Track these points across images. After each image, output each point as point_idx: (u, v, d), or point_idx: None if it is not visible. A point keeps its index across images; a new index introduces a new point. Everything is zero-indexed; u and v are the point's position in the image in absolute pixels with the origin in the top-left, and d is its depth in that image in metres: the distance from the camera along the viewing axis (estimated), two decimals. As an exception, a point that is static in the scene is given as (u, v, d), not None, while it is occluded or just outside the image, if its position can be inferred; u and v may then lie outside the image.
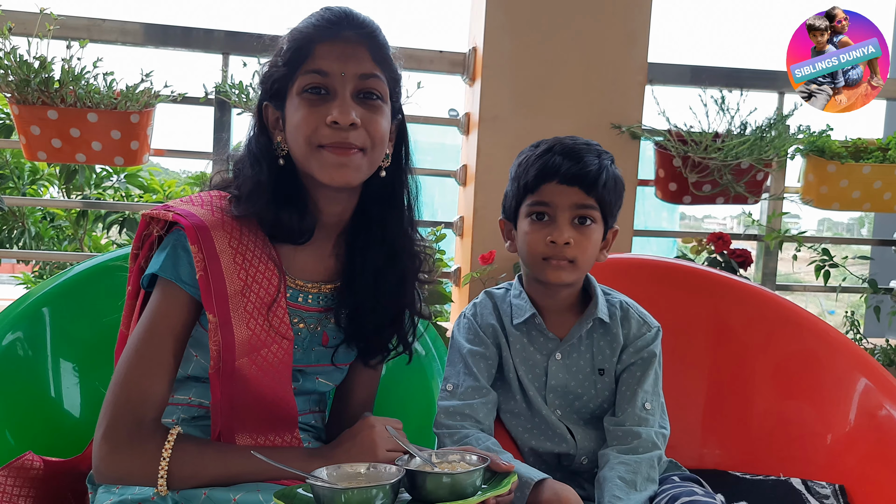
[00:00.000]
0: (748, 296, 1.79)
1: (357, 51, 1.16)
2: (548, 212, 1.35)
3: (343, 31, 1.16)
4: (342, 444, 1.19)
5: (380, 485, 0.96)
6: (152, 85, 2.25)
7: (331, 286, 1.28)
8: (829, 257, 2.51)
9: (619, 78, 2.48)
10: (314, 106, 1.14)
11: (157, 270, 1.14)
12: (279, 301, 1.19)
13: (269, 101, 1.21)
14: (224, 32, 2.42)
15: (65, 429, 1.47)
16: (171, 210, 1.16)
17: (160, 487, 1.07)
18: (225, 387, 1.14)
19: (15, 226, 3.46)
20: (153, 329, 1.13)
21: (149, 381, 1.11)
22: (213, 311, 1.12)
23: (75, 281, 1.53)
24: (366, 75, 1.16)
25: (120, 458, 1.08)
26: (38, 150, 2.24)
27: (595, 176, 1.33)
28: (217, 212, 1.18)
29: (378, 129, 1.17)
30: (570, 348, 1.41)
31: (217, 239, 1.14)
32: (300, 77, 1.15)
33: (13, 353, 1.45)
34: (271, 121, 1.22)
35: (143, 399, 1.10)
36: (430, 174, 2.74)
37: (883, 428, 1.58)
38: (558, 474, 1.41)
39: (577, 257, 1.34)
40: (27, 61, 2.14)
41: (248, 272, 1.16)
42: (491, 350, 1.41)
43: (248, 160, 1.21)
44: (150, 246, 1.21)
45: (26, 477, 1.25)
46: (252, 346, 1.15)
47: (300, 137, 1.15)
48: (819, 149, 2.49)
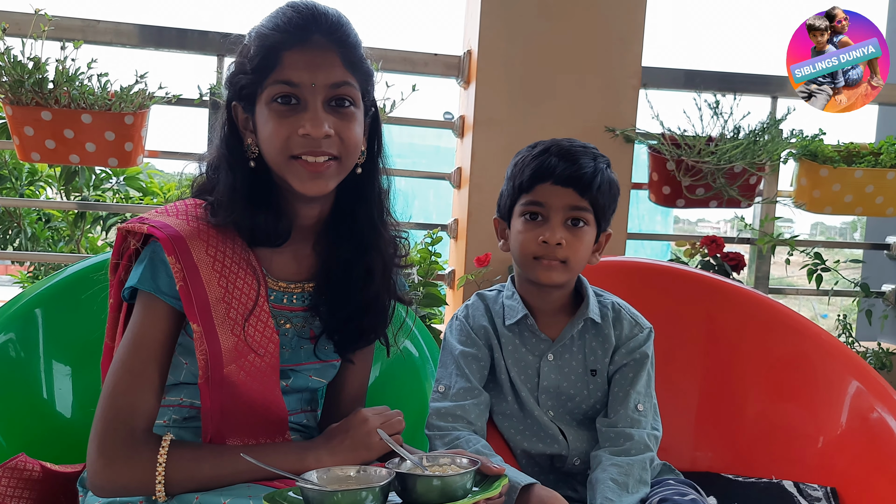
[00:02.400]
0: (740, 299, 1.80)
1: (327, 58, 1.14)
2: (541, 212, 1.36)
3: (311, 36, 1.13)
4: (336, 436, 1.19)
5: (369, 487, 0.96)
6: (146, 86, 2.24)
7: (313, 284, 1.28)
8: (822, 261, 2.52)
9: (613, 81, 2.49)
10: (285, 117, 1.13)
11: (137, 284, 1.14)
12: (261, 305, 1.19)
13: (238, 102, 1.19)
14: (218, 34, 2.42)
15: (57, 430, 1.47)
16: (146, 223, 1.15)
17: (159, 494, 1.07)
18: (215, 394, 1.14)
19: (10, 226, 3.46)
20: (138, 342, 1.13)
21: (137, 394, 1.11)
22: (197, 320, 1.12)
23: (68, 282, 1.53)
24: (337, 84, 1.14)
25: (116, 470, 1.08)
26: (32, 150, 2.23)
27: (590, 178, 1.34)
28: (193, 221, 1.17)
29: (351, 137, 1.17)
30: (562, 349, 1.42)
31: (194, 249, 1.14)
32: (269, 87, 1.13)
33: (6, 354, 1.45)
34: (241, 120, 1.20)
35: (133, 412, 1.11)
36: (425, 177, 2.75)
37: (874, 430, 1.59)
38: (551, 476, 1.42)
39: (568, 258, 1.35)
40: (21, 62, 2.13)
41: (227, 279, 1.16)
42: (483, 351, 1.42)
43: (222, 164, 1.20)
44: (128, 259, 1.21)
45: (20, 478, 1.25)
46: (239, 352, 1.15)
47: (272, 148, 1.14)
48: (812, 153, 2.49)
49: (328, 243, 1.28)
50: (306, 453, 1.16)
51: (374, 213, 1.28)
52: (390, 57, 2.47)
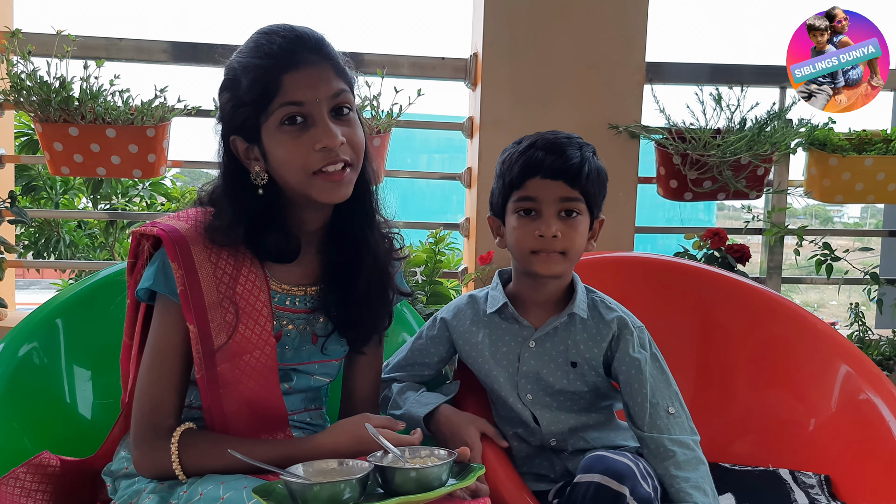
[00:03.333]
0: (733, 289, 1.83)
1: (322, 72, 1.20)
2: (534, 206, 1.38)
3: (302, 55, 1.19)
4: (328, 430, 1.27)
5: (347, 479, 1.03)
6: (166, 100, 2.34)
7: (315, 288, 1.35)
8: (831, 251, 2.52)
9: (618, 78, 2.51)
10: (297, 137, 1.19)
11: (152, 285, 1.24)
12: (259, 310, 1.27)
13: (237, 136, 1.23)
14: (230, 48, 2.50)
15: (79, 431, 1.56)
16: (156, 226, 1.25)
17: (181, 476, 1.19)
18: (212, 391, 1.23)
19: (51, 235, 3.62)
20: (158, 346, 1.24)
21: (159, 392, 1.23)
22: (192, 321, 1.21)
23: (87, 292, 1.62)
24: (336, 93, 1.21)
25: (146, 459, 1.22)
26: (62, 165, 2.35)
27: (578, 168, 1.36)
28: (200, 227, 1.25)
29: (359, 141, 1.25)
30: (544, 337, 1.44)
31: (196, 253, 1.22)
32: (275, 112, 1.18)
33: (30, 361, 1.54)
34: (242, 151, 1.24)
35: (156, 408, 1.23)
36: (438, 178, 2.81)
37: (865, 414, 1.61)
38: (524, 446, 1.48)
39: (566, 249, 1.37)
40: (47, 82, 2.25)
41: (227, 284, 1.24)
42: (443, 345, 1.53)
43: (227, 196, 1.26)
44: (144, 260, 1.30)
45: (44, 474, 1.34)
46: (233, 352, 1.23)
47: (293, 168, 1.20)
48: (820, 142, 2.49)
49: (329, 246, 1.35)
50: (303, 443, 1.24)
51: (368, 212, 1.35)
52: (399, 62, 2.54)
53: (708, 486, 1.33)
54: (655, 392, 1.39)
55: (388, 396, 1.50)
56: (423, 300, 2.16)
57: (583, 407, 1.47)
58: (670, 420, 1.37)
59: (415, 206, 7.63)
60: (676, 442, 1.35)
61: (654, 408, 1.38)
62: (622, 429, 1.51)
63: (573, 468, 1.42)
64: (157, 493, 1.19)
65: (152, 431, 1.21)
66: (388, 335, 1.46)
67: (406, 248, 1.49)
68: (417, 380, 1.56)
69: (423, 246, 2.44)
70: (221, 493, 1.11)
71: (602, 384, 1.46)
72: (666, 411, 1.38)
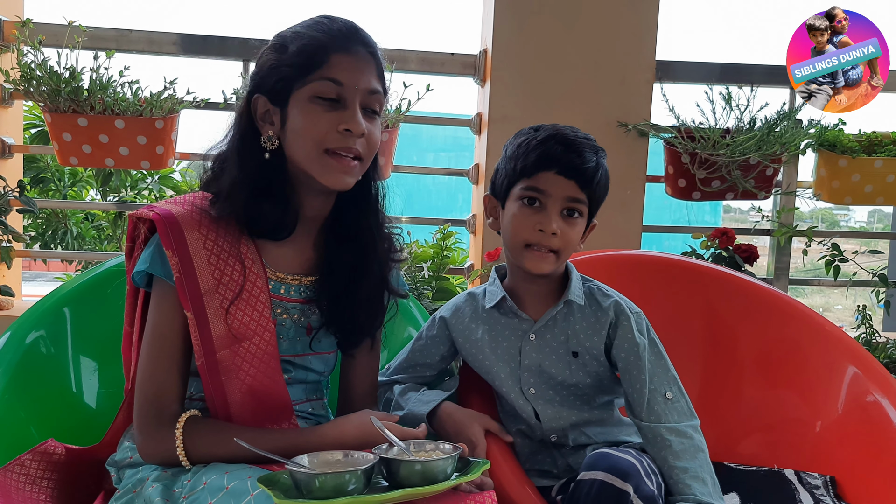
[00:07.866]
0: (741, 288, 1.82)
1: (367, 66, 1.24)
2: (540, 198, 1.36)
3: (355, 45, 1.23)
4: (333, 421, 1.27)
5: (351, 470, 1.03)
6: (175, 92, 2.35)
7: (311, 279, 1.35)
8: (839, 252, 2.51)
9: (627, 76, 2.51)
10: (325, 112, 1.21)
11: (148, 268, 1.24)
12: (257, 295, 1.26)
13: (263, 95, 1.25)
14: (240, 40, 2.52)
15: (85, 421, 1.56)
16: (153, 210, 1.25)
17: (185, 463, 1.19)
18: (214, 379, 1.23)
19: (58, 226, 3.63)
20: (156, 331, 1.24)
21: (162, 378, 1.23)
22: (189, 307, 1.21)
23: (94, 281, 1.63)
24: (373, 91, 1.24)
25: (150, 445, 1.22)
26: (70, 155, 2.36)
27: (592, 172, 1.36)
28: (196, 211, 1.25)
29: (376, 142, 1.27)
30: (544, 329, 1.43)
31: (190, 238, 1.23)
32: (314, 82, 1.20)
33: (37, 350, 1.54)
34: (260, 112, 1.25)
35: (159, 394, 1.22)
36: (445, 174, 2.81)
37: (872, 416, 1.59)
38: (527, 442, 1.48)
39: (561, 248, 1.37)
40: (57, 72, 2.26)
41: (221, 269, 1.24)
42: (444, 344, 1.53)
43: (232, 156, 1.27)
44: (141, 245, 1.30)
45: (49, 461, 1.34)
46: (232, 339, 1.23)
47: (308, 140, 1.21)
48: (830, 143, 2.49)
49: (328, 240, 1.36)
50: (308, 433, 1.24)
51: (371, 212, 1.36)
52: (409, 57, 2.54)
53: (707, 475, 1.32)
54: (653, 377, 1.38)
55: (391, 399, 1.50)
56: (429, 295, 2.16)
57: (585, 401, 1.46)
58: (668, 405, 1.36)
59: (421, 204, 7.64)
60: (673, 431, 1.34)
61: (652, 394, 1.37)
62: (625, 424, 1.50)
63: (575, 464, 1.42)
64: (161, 482, 1.18)
65: (156, 418, 1.21)
66: (393, 330, 1.46)
67: (407, 248, 1.49)
68: (420, 381, 1.55)
69: (430, 242, 2.43)
70: (226, 483, 1.10)
71: (605, 374, 1.45)
72: (664, 396, 1.37)
